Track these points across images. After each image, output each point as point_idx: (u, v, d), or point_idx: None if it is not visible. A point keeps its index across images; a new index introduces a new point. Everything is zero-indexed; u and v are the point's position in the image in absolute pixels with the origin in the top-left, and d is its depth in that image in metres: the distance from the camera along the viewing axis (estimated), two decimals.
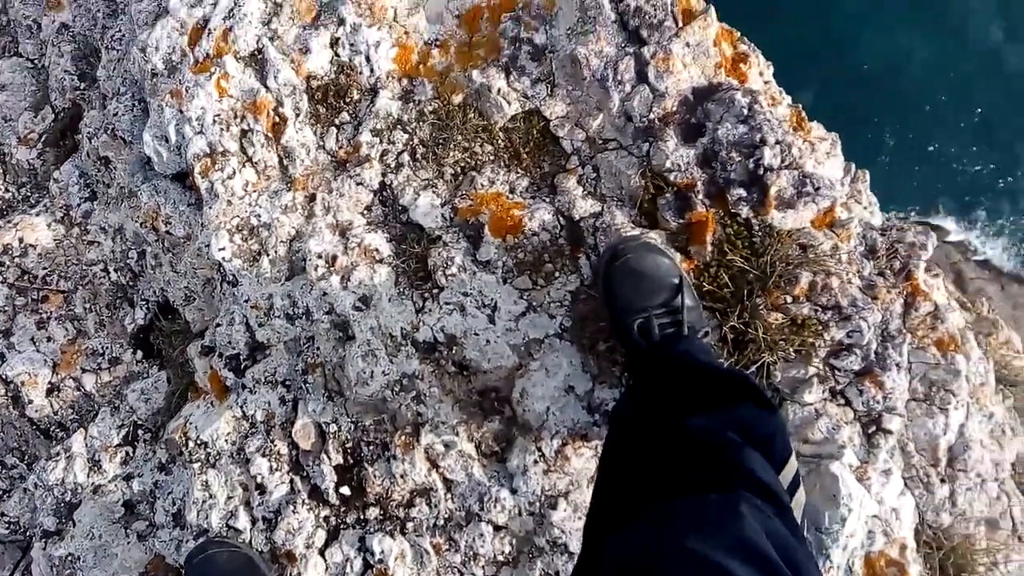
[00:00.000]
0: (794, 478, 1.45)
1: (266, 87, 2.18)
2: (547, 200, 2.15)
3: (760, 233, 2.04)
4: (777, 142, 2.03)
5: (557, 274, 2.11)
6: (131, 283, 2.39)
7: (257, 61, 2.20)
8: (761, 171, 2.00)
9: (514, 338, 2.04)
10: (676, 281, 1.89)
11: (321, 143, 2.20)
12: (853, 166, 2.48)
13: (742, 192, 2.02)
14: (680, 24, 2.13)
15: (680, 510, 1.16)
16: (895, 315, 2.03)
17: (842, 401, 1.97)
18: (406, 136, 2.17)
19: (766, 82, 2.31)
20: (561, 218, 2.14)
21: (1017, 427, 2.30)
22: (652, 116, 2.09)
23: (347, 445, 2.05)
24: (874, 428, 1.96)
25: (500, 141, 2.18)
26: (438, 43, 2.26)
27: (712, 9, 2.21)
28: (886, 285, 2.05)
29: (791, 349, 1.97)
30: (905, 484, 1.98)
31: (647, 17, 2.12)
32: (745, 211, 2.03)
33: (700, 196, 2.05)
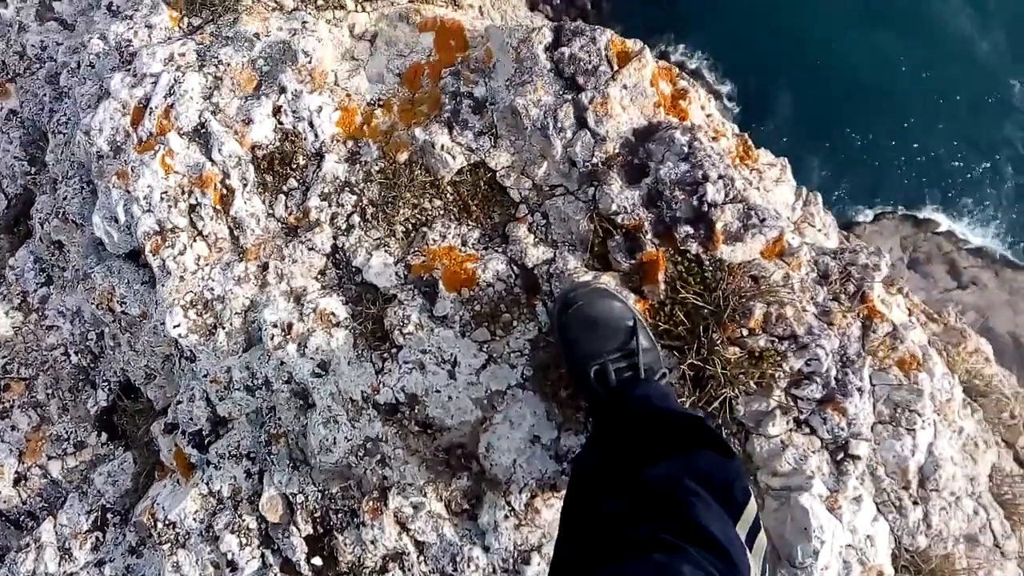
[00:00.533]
0: (754, 522, 1.44)
1: (211, 160, 2.18)
2: (499, 250, 2.15)
3: (711, 268, 2.04)
4: (720, 177, 2.05)
5: (515, 323, 2.10)
6: (92, 365, 2.37)
7: (201, 136, 2.21)
8: (706, 207, 2.02)
9: (476, 392, 2.03)
10: (630, 324, 1.89)
11: (270, 211, 2.20)
12: (804, 189, 2.51)
13: (689, 229, 2.03)
14: (616, 68, 2.16)
15: (626, 574, 1.15)
16: (853, 339, 2.04)
17: (807, 430, 1.97)
18: (355, 197, 2.18)
19: (708, 115, 2.34)
20: (515, 267, 2.14)
21: (989, 439, 2.30)
22: (595, 160, 2.10)
23: (315, 514, 2.02)
24: (842, 455, 1.96)
25: (449, 195, 2.19)
26: (381, 103, 2.28)
27: (647, 50, 2.24)
28: (841, 310, 2.05)
29: (751, 382, 1.97)
30: (878, 509, 1.96)
31: (582, 64, 2.14)
32: (694, 247, 2.04)
33: (649, 236, 2.05)
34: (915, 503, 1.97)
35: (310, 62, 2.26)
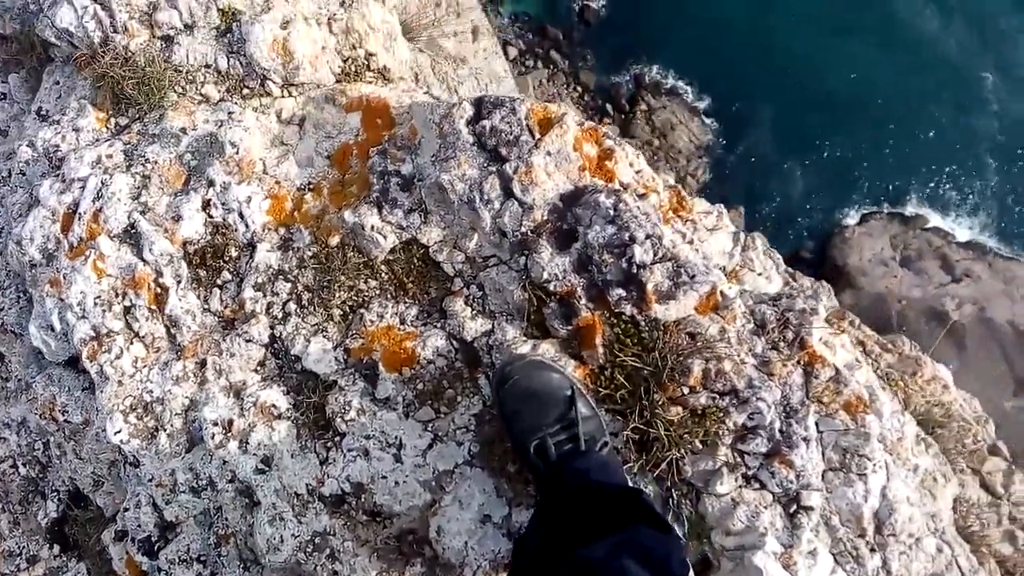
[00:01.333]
0: None
1: (143, 260, 2.18)
2: (438, 325, 2.15)
3: (647, 328, 2.04)
4: (647, 236, 2.05)
5: (459, 398, 2.09)
6: (41, 475, 2.35)
7: (131, 236, 2.21)
8: (635, 269, 2.01)
9: (423, 474, 2.01)
10: (568, 393, 1.88)
11: (206, 306, 2.19)
12: (743, 235, 2.51)
13: (621, 292, 2.03)
14: (538, 136, 2.17)
15: None
16: (795, 387, 2.02)
17: (757, 485, 1.95)
18: (289, 285, 2.17)
19: (638, 171, 2.35)
20: (454, 341, 2.13)
21: (948, 472, 2.27)
22: (524, 229, 2.10)
23: None
24: (794, 507, 1.93)
25: (383, 274, 2.19)
26: (311, 187, 2.29)
27: (569, 114, 2.26)
28: (781, 358, 2.04)
29: (696, 441, 1.95)
30: (835, 560, 1.93)
31: (503, 135, 2.15)
32: (628, 309, 2.03)
33: (583, 301, 2.05)
34: (872, 550, 1.95)
35: (237, 153, 2.27)
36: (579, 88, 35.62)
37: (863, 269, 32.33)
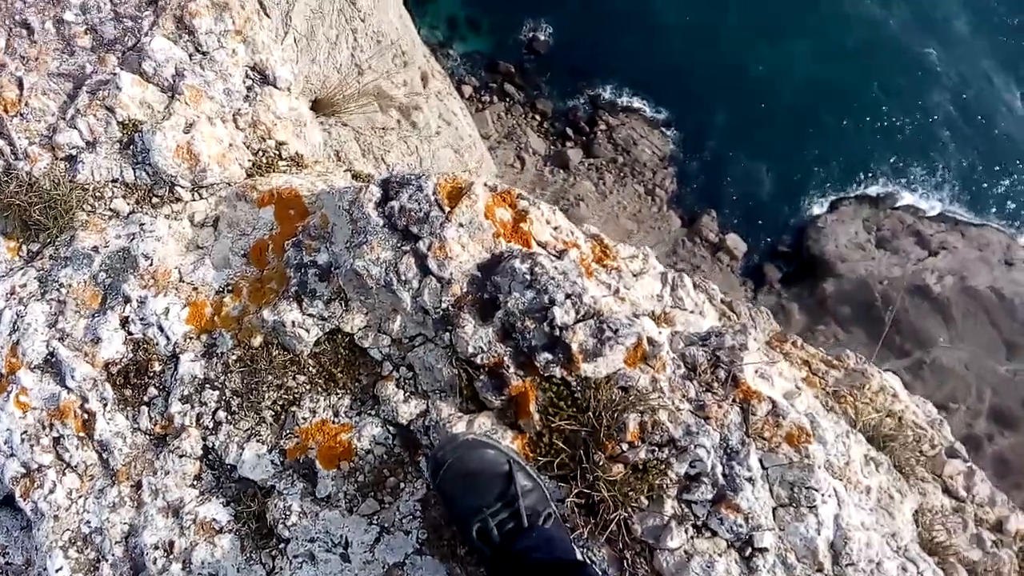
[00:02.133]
0: None
1: (67, 388, 2.15)
2: (372, 413, 2.12)
3: (579, 388, 2.02)
4: (567, 296, 2.04)
5: (402, 485, 2.06)
6: None
7: (52, 365, 2.18)
8: (558, 331, 2.00)
9: (374, 570, 1.96)
10: (505, 469, 1.85)
11: (135, 425, 2.15)
12: (671, 274, 2.51)
13: (548, 355, 2.01)
14: (448, 209, 2.17)
15: None
16: (733, 427, 2.01)
17: (708, 534, 1.92)
18: (217, 392, 2.14)
19: (555, 228, 2.35)
20: (390, 427, 2.10)
21: (904, 487, 2.26)
22: (445, 304, 2.09)
23: None
24: (749, 551, 1.90)
25: (311, 368, 2.17)
26: (230, 288, 2.27)
27: (478, 182, 2.26)
28: (716, 400, 2.03)
29: (642, 497, 1.92)
30: None
31: (413, 213, 2.15)
32: (557, 371, 2.01)
33: (512, 370, 2.03)
34: None
35: (152, 264, 2.25)
36: (537, 116, 36.02)
37: (841, 255, 32.58)
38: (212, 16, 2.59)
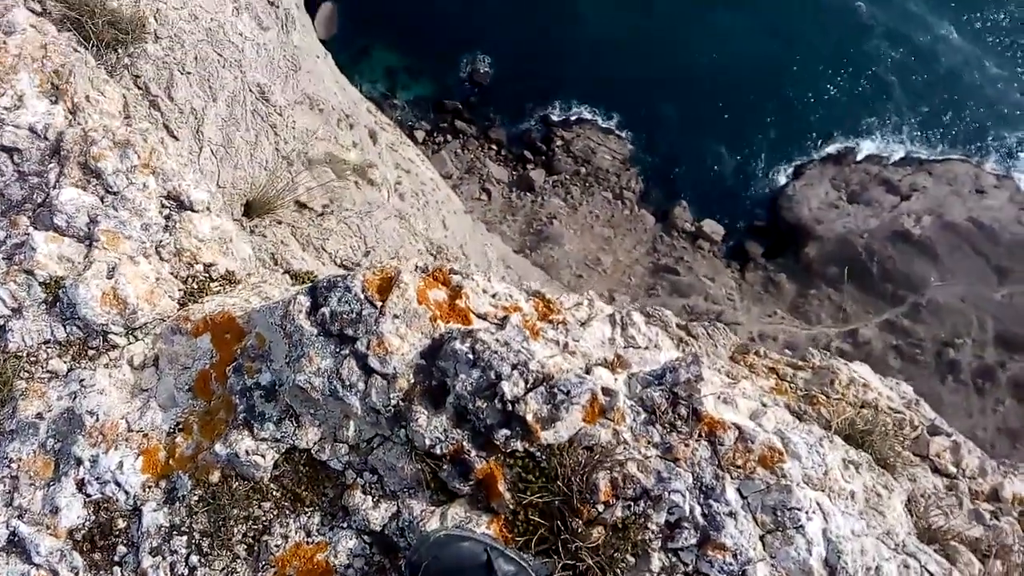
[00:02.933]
0: None
1: (35, 565, 2.09)
2: (344, 526, 2.08)
3: (544, 457, 1.99)
4: (513, 367, 2.02)
5: None
6: None
7: (16, 544, 2.13)
8: (510, 406, 1.98)
9: None
10: (483, 559, 1.81)
11: None
12: (620, 314, 2.49)
13: (506, 431, 1.98)
14: (380, 304, 2.15)
15: None
16: (704, 463, 1.98)
17: None
18: (185, 537, 2.09)
19: (493, 295, 2.33)
20: (365, 537, 2.06)
21: (890, 481, 2.23)
22: (394, 400, 2.06)
23: None
24: None
25: (275, 493, 2.13)
26: (180, 427, 2.23)
27: (406, 268, 2.24)
28: (681, 440, 2.00)
29: (627, 556, 1.89)
30: None
31: (345, 316, 2.13)
32: (519, 445, 1.98)
33: (473, 454, 2.00)
34: None
35: (98, 420, 2.22)
36: (494, 146, 36.17)
37: (817, 218, 32.71)
38: (116, 155, 2.59)
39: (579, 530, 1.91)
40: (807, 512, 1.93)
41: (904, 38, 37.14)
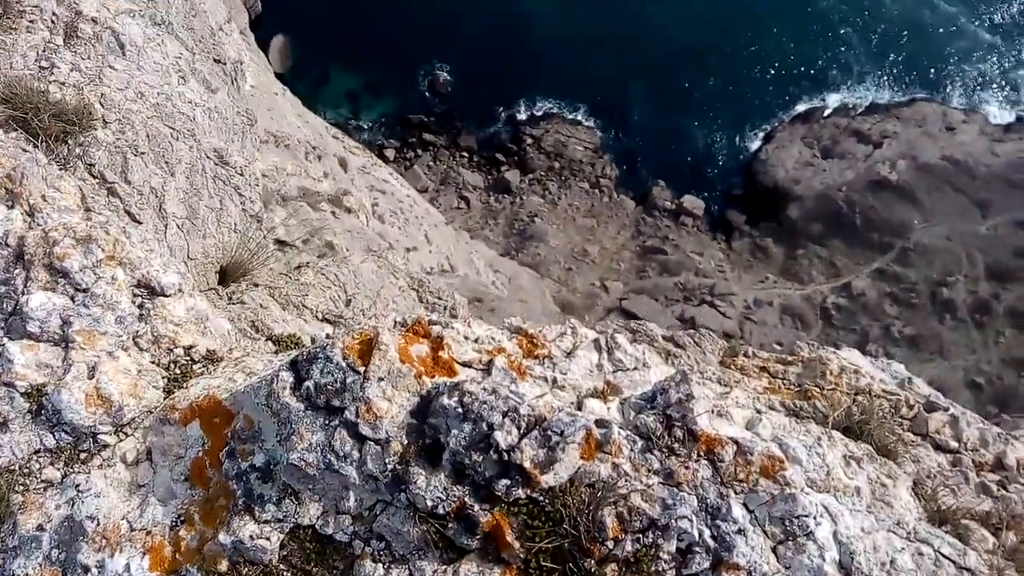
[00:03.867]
0: None
1: None
2: None
3: (547, 501, 1.98)
4: (504, 415, 2.01)
5: None
6: None
7: None
8: (506, 455, 1.97)
9: None
10: None
11: None
12: (604, 338, 2.49)
13: (506, 481, 1.97)
14: (363, 369, 2.14)
15: None
16: (708, 484, 1.98)
17: None
18: None
19: (476, 340, 2.32)
20: None
21: (893, 469, 2.23)
22: (390, 465, 2.05)
23: None
24: None
25: (285, 573, 2.11)
26: (182, 519, 2.22)
27: (384, 327, 2.23)
28: (681, 463, 2.00)
29: None
30: None
31: (330, 387, 2.12)
32: (521, 493, 1.98)
33: (476, 508, 1.99)
34: None
35: (99, 524, 2.20)
36: (465, 153, 36.18)
37: (794, 178, 32.84)
38: (81, 252, 2.57)
39: (592, 570, 1.91)
40: (815, 517, 1.93)
41: None
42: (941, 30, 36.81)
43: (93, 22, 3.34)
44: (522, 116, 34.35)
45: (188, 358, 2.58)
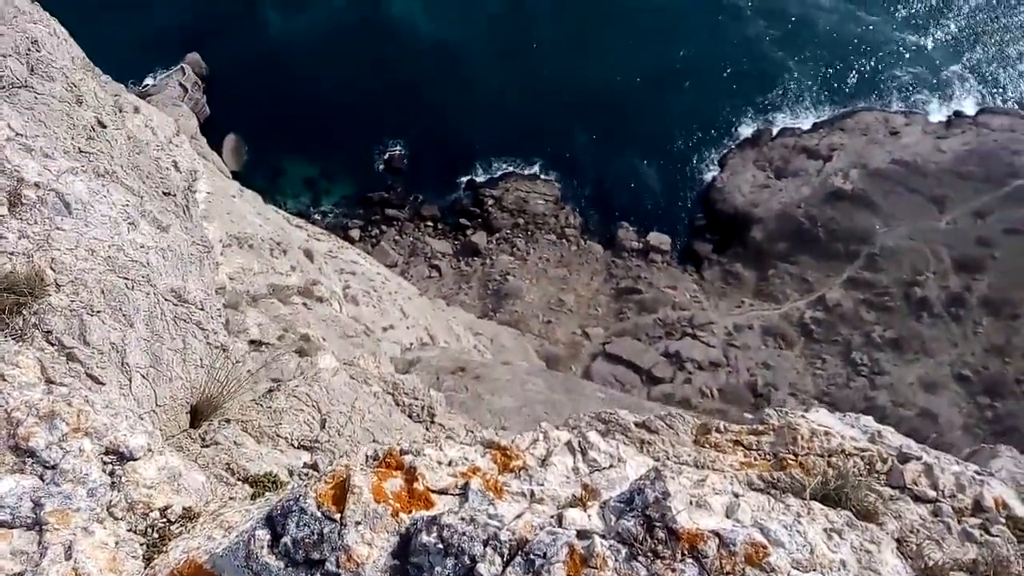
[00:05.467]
0: None
1: None
2: None
3: None
4: (486, 543, 2.01)
5: None
6: None
7: None
8: None
9: None
10: None
11: None
12: (575, 440, 2.51)
13: None
14: (339, 515, 2.13)
15: None
16: None
17: None
18: None
19: (449, 463, 2.33)
20: None
21: (876, 533, 2.25)
22: None
23: None
24: None
25: None
26: None
27: (355, 466, 2.24)
28: (667, 566, 2.00)
29: None
30: None
31: (307, 540, 2.10)
32: None
33: None
34: None
35: None
36: (429, 223, 36.49)
37: (752, 202, 33.52)
38: (45, 428, 2.56)
39: None
40: None
41: (780, 13, 38.93)
42: (869, 41, 38.31)
43: (36, 187, 3.38)
44: (480, 179, 34.93)
45: (165, 520, 2.55)
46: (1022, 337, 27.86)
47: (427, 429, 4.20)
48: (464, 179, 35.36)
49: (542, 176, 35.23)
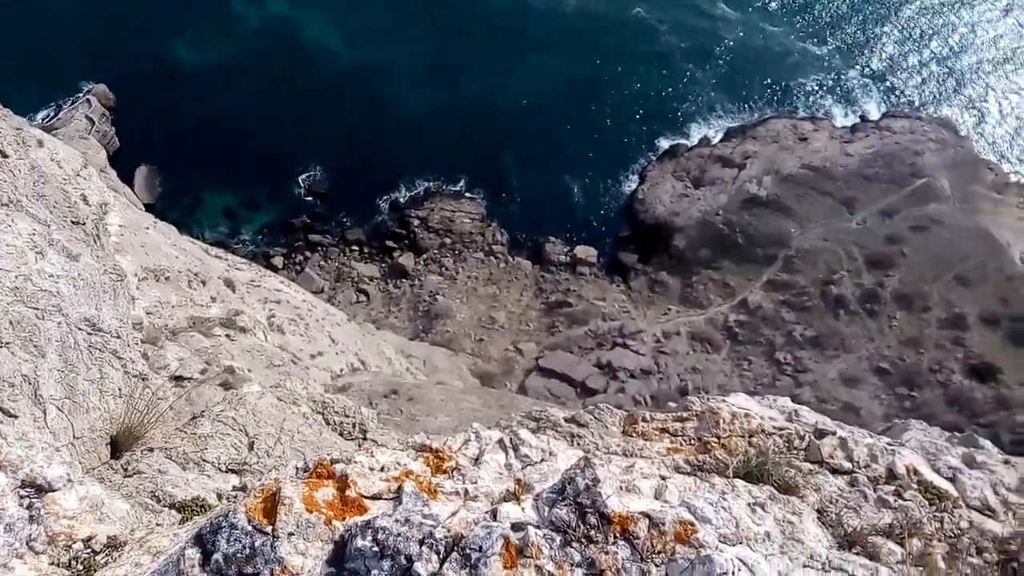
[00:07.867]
0: None
1: None
2: None
3: None
4: (421, 542, 2.02)
5: None
6: None
7: None
8: None
9: None
10: None
11: None
12: (507, 436, 2.54)
13: None
14: (270, 528, 2.10)
15: None
16: (629, 563, 2.03)
17: None
18: None
19: (382, 468, 2.33)
20: None
21: (797, 505, 2.35)
22: None
23: None
24: None
25: None
26: None
27: (285, 477, 2.21)
28: (600, 549, 2.05)
29: None
30: None
31: (239, 555, 2.06)
32: None
33: None
34: None
35: None
36: (354, 247, 36.00)
37: (673, 211, 34.36)
38: None
39: None
40: (732, 573, 2.01)
41: (688, 28, 40.36)
42: (774, 50, 40.06)
43: None
44: (403, 199, 34.74)
45: (89, 550, 2.46)
46: (934, 328, 29.33)
47: (359, 446, 4.14)
48: (388, 200, 35.14)
49: (467, 194, 35.34)
